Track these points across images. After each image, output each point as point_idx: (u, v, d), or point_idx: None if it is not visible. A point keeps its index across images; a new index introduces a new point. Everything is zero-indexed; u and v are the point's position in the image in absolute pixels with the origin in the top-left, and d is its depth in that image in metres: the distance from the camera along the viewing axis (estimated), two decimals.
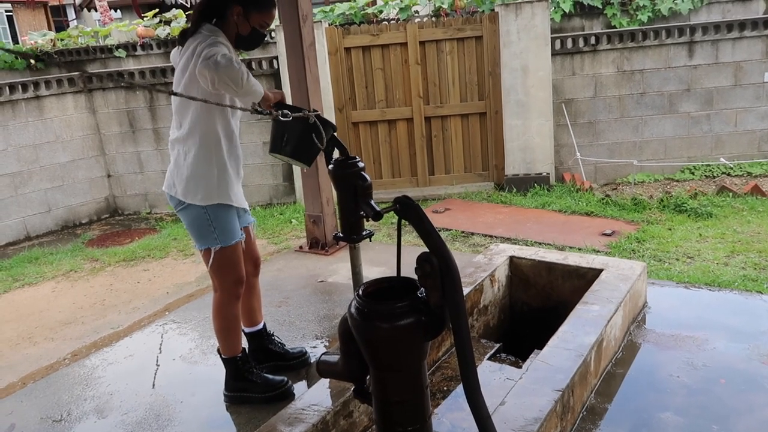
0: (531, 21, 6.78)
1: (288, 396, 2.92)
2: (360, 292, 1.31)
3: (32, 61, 8.86)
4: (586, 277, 3.67)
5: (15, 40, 17.48)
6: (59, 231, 7.16)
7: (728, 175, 6.94)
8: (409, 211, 1.29)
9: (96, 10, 16.27)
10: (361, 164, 3.02)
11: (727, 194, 6.28)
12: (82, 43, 9.32)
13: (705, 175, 6.99)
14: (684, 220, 5.68)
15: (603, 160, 7.22)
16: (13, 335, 4.46)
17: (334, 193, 3.09)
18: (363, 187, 2.98)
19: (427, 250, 1.27)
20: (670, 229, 5.46)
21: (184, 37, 2.73)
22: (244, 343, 3.11)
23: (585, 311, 3.13)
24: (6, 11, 19.75)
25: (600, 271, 3.62)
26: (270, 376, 2.99)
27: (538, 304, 3.93)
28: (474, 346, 3.46)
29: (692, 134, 7.27)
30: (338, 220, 3.16)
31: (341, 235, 3.12)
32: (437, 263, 1.24)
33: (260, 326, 3.24)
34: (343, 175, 3.01)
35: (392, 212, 1.47)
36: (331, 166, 3.02)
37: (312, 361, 3.32)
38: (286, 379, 2.98)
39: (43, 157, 6.96)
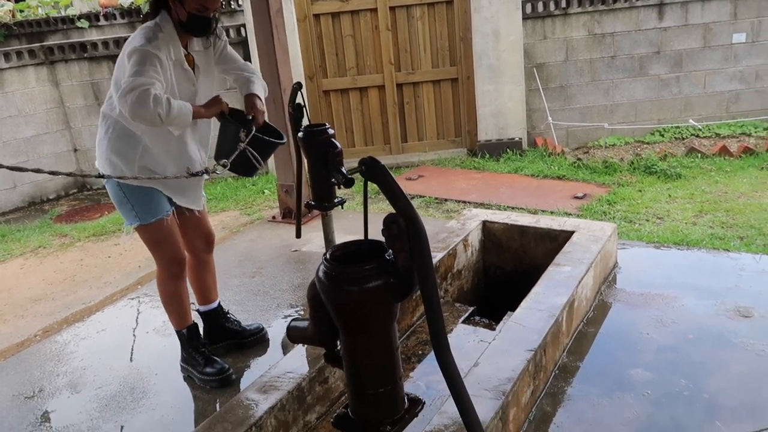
0: None
1: (226, 385, 2.92)
2: (328, 256, 1.30)
3: None
4: (558, 240, 3.70)
5: None
6: (26, 207, 7.00)
7: (697, 136, 7.02)
8: (375, 172, 1.27)
9: None
10: (331, 131, 2.98)
11: (696, 155, 6.36)
12: (42, 14, 9.01)
13: (674, 137, 7.07)
14: (654, 182, 5.75)
15: (575, 124, 7.25)
16: None
17: (306, 161, 3.06)
18: (333, 154, 2.95)
19: (394, 213, 1.26)
20: (640, 191, 5.52)
21: (145, 20, 2.67)
22: (196, 318, 3.09)
23: (557, 272, 3.16)
24: None
25: (572, 233, 3.65)
26: (212, 363, 2.95)
27: (511, 267, 3.96)
28: (448, 310, 3.50)
29: (662, 97, 7.32)
30: (311, 189, 3.12)
31: (313, 203, 3.11)
32: (404, 224, 1.23)
33: (215, 305, 3.22)
34: (313, 143, 2.98)
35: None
36: (300, 134, 2.99)
37: (269, 338, 3.33)
38: (226, 367, 2.96)
39: (5, 133, 6.77)
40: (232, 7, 8.42)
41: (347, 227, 4.90)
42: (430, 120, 7.32)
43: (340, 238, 4.80)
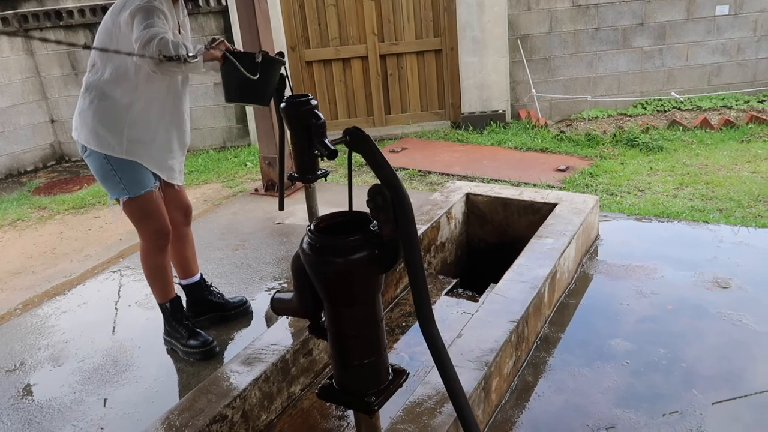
0: None
1: (210, 357, 2.92)
2: (312, 227, 1.29)
3: None
4: (541, 212, 3.72)
5: None
6: (2, 180, 6.88)
7: (679, 109, 7.05)
8: (359, 142, 1.25)
9: None
10: (313, 102, 2.95)
11: (678, 128, 6.40)
12: None
13: (657, 110, 7.09)
14: (636, 155, 5.78)
15: (558, 96, 7.24)
16: None
17: (288, 133, 3.03)
18: (316, 125, 2.93)
19: (379, 183, 1.25)
20: (622, 164, 5.55)
21: None
22: (179, 292, 3.08)
23: (539, 244, 3.18)
24: None
25: (554, 205, 3.67)
26: (195, 336, 2.95)
27: (494, 239, 3.98)
28: (431, 282, 3.52)
29: (645, 69, 7.33)
30: (293, 161, 3.10)
31: (296, 175, 3.09)
32: (389, 195, 1.22)
33: (197, 277, 3.20)
34: (295, 114, 2.94)
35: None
36: (282, 105, 2.95)
37: (252, 310, 3.33)
38: (209, 339, 2.96)
39: None
40: None
41: (331, 199, 4.89)
42: (414, 92, 7.28)
43: (323, 211, 4.78)
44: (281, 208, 3.26)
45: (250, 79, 2.67)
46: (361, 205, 1.39)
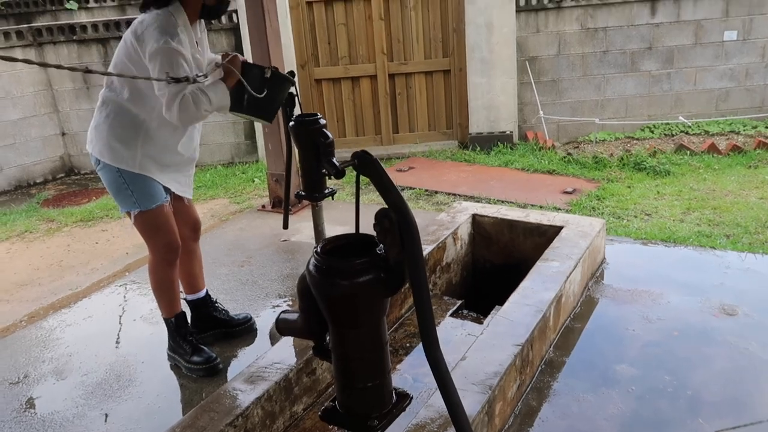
0: None
1: (213, 374, 2.92)
2: (318, 249, 1.30)
3: None
4: (547, 234, 3.71)
5: None
6: (12, 191, 6.94)
7: (686, 133, 7.05)
8: (367, 166, 1.26)
9: None
10: (322, 121, 2.97)
11: (685, 152, 6.40)
12: None
13: (664, 134, 7.10)
14: (643, 178, 5.78)
15: (565, 119, 7.27)
16: None
17: (296, 151, 3.04)
18: (324, 144, 2.94)
19: (386, 207, 1.25)
20: (629, 187, 5.55)
21: (146, 6, 2.62)
22: (185, 307, 3.09)
23: (545, 267, 3.18)
24: None
25: (560, 228, 3.66)
26: (199, 352, 2.95)
27: (500, 261, 3.97)
28: (436, 303, 3.51)
29: (653, 93, 7.35)
30: (301, 179, 3.11)
31: (303, 193, 3.10)
32: (396, 218, 1.23)
33: (202, 293, 3.21)
34: (304, 133, 2.96)
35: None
36: (291, 124, 2.97)
37: (257, 327, 3.33)
38: (213, 356, 2.96)
39: None
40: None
41: (337, 218, 4.90)
42: (422, 111, 7.31)
43: (330, 229, 4.78)
44: (285, 226, 3.27)
45: (258, 93, 2.68)
46: (368, 224, 1.40)
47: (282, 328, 1.53)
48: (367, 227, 1.43)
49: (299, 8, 6.85)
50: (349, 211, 5.14)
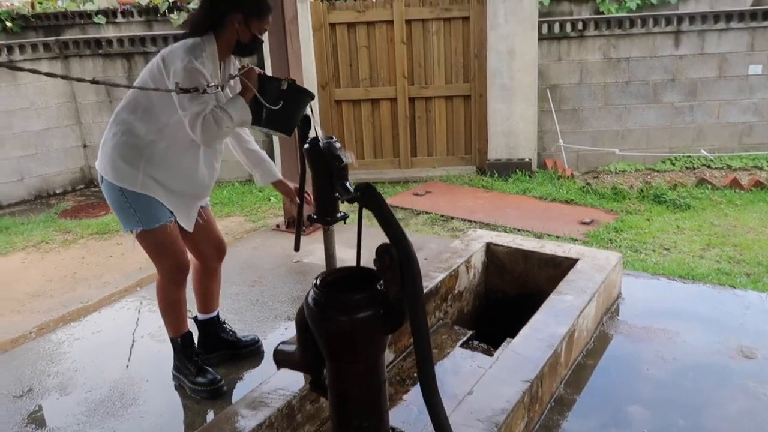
0: (519, 4, 6.69)
1: (217, 396, 2.89)
2: (318, 282, 1.26)
3: (8, 24, 8.60)
4: (562, 266, 3.65)
5: None
6: (32, 200, 7.01)
7: (708, 167, 6.96)
8: (370, 199, 1.24)
9: None
10: (337, 144, 2.96)
11: (706, 186, 6.30)
12: (60, 7, 9.07)
13: (685, 167, 7.01)
14: (662, 211, 5.69)
15: (585, 148, 7.21)
16: None
17: (309, 174, 3.03)
18: (338, 168, 2.92)
19: (387, 241, 1.22)
20: (648, 220, 5.47)
21: (183, 38, 2.66)
22: (191, 326, 3.06)
23: (558, 301, 3.12)
24: None
25: (576, 260, 3.60)
26: (204, 373, 2.92)
27: (514, 291, 3.91)
28: (447, 333, 3.45)
29: (675, 125, 7.27)
30: (314, 202, 3.09)
31: (315, 216, 3.08)
32: (397, 255, 1.19)
33: (214, 314, 3.18)
34: (318, 155, 2.95)
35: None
36: (305, 146, 2.96)
37: (264, 350, 3.29)
38: (218, 378, 2.93)
39: (16, 124, 6.79)
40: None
41: (351, 241, 4.86)
42: (441, 136, 7.30)
43: (342, 253, 4.75)
44: (297, 248, 3.24)
45: (274, 105, 2.67)
46: (372, 251, 1.36)
47: (279, 360, 1.49)
48: (372, 251, 1.39)
49: (322, 30, 6.90)
50: (362, 235, 5.11)
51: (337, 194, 2.94)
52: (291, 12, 4.63)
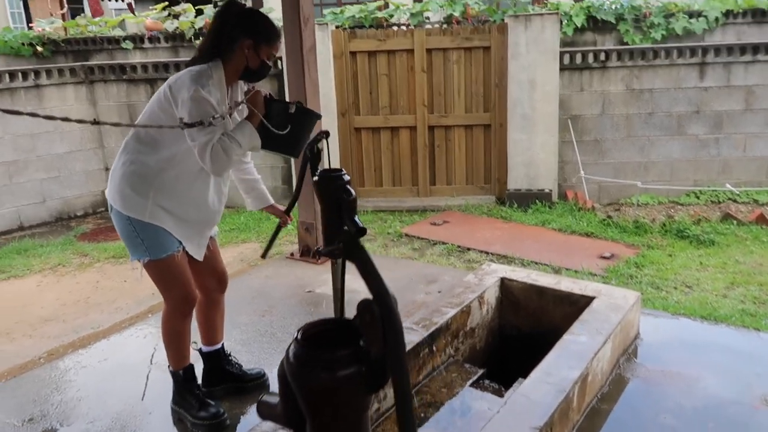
0: (540, 34, 6.66)
1: (219, 431, 2.82)
2: (299, 336, 1.21)
3: (38, 49, 8.80)
4: (578, 304, 3.54)
5: (30, 25, 17.35)
6: (53, 222, 7.08)
7: (734, 201, 6.79)
8: (353, 251, 1.18)
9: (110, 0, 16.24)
10: (346, 177, 2.92)
11: (732, 222, 6.14)
12: (91, 32, 9.27)
13: (710, 201, 6.85)
14: (685, 247, 5.54)
15: (607, 180, 7.09)
16: None
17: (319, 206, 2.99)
18: (347, 202, 2.87)
19: (369, 298, 1.16)
20: (670, 255, 5.32)
21: (191, 64, 2.66)
22: (193, 359, 3.01)
23: (572, 342, 3.01)
24: None
25: (592, 298, 3.49)
26: (206, 407, 2.87)
27: (528, 328, 3.81)
28: (457, 371, 3.36)
29: (699, 157, 7.13)
30: (322, 235, 3.05)
31: (321, 249, 3.03)
32: (379, 312, 1.13)
33: (218, 346, 3.13)
34: (327, 188, 2.91)
35: (390, 222, 1.36)
36: (315, 179, 2.92)
37: (269, 384, 3.22)
38: (221, 411, 2.87)
39: (40, 147, 6.89)
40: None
41: None
42: (460, 165, 7.24)
43: (355, 283, 4.69)
44: (264, 256, 3.21)
45: (281, 128, 2.64)
46: (392, 283, 1.30)
47: (262, 412, 1.43)
48: (391, 283, 1.31)
49: (343, 57, 6.93)
50: (376, 265, 5.04)
51: (345, 227, 2.91)
52: (309, 42, 4.65)
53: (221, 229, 6.40)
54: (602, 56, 6.96)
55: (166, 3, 9.57)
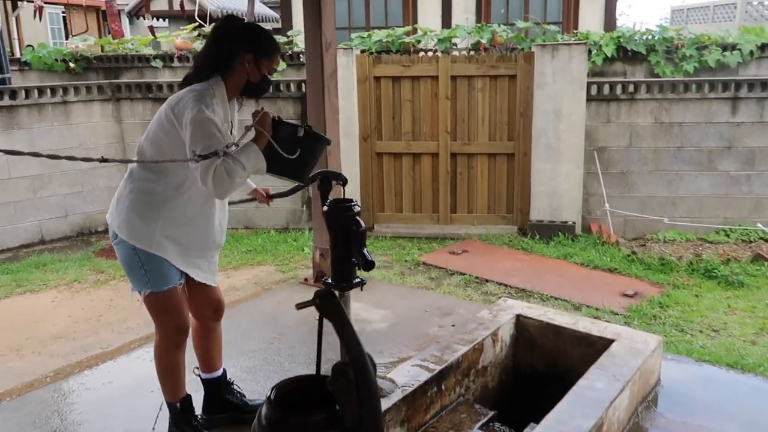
0: (568, 64, 6.56)
1: None
2: (272, 396, 1.12)
3: (71, 65, 8.96)
4: (596, 346, 3.40)
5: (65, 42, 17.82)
6: (74, 237, 7.12)
7: (765, 241, 6.56)
8: (330, 308, 1.09)
9: (145, 18, 16.58)
10: (356, 208, 2.83)
11: (763, 263, 5.91)
12: (127, 49, 9.42)
13: (740, 240, 6.63)
14: (713, 288, 5.34)
15: (633, 214, 6.91)
16: (3, 345, 4.36)
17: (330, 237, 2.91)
18: (356, 233, 2.79)
19: (344, 360, 1.07)
20: (696, 296, 5.13)
21: (187, 81, 2.61)
22: (194, 388, 2.94)
23: (587, 388, 2.87)
24: (63, 12, 20.29)
25: (611, 341, 3.35)
26: None
27: (543, 368, 3.67)
28: (466, 412, 3.22)
29: (730, 194, 6.92)
30: (330, 266, 2.97)
31: (330, 281, 2.94)
32: (353, 377, 1.04)
33: (218, 373, 3.05)
34: (336, 218, 2.83)
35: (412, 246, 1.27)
36: (325, 208, 2.85)
37: None
38: None
39: (64, 162, 6.94)
40: (301, 60, 8.57)
41: (380, 301, 4.73)
42: (482, 193, 7.13)
43: (369, 312, 4.58)
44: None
45: (288, 152, 2.57)
46: (411, 311, 1.20)
47: None
48: (407, 312, 1.23)
49: (367, 82, 6.90)
50: (393, 294, 4.95)
51: (353, 260, 2.82)
52: (331, 67, 4.62)
53: (237, 251, 6.37)
54: (631, 88, 6.83)
55: (197, 24, 9.70)
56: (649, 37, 8.21)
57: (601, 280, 5.54)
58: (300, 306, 1.15)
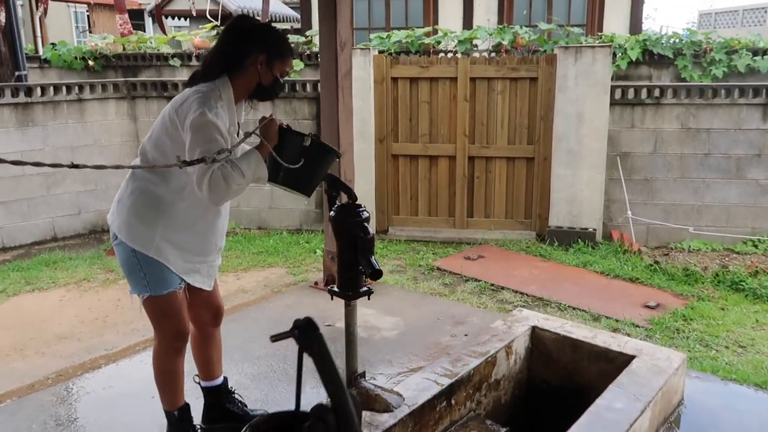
0: (591, 67, 6.37)
1: None
2: None
3: (90, 63, 8.94)
4: (616, 362, 3.24)
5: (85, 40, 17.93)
6: (86, 235, 7.08)
7: None
8: (310, 340, 0.97)
9: (167, 17, 16.63)
10: (365, 214, 2.70)
11: None
12: (146, 48, 9.39)
13: None
14: (740, 301, 5.12)
15: (656, 222, 6.69)
16: (7, 344, 4.29)
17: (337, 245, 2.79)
18: (364, 240, 2.66)
19: (324, 402, 0.94)
20: (722, 309, 4.92)
21: (193, 80, 2.51)
22: (194, 396, 2.83)
23: (606, 408, 2.71)
24: (87, 11, 20.44)
25: (632, 357, 3.18)
26: None
27: (558, 383, 3.50)
28: (477, 428, 3.07)
29: (759, 203, 6.67)
30: (336, 274, 2.85)
31: (336, 289, 2.82)
32: (333, 423, 0.91)
33: (219, 381, 2.95)
34: (343, 224, 2.71)
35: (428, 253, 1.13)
36: (332, 213, 2.72)
37: None
38: None
39: (78, 160, 6.90)
40: (319, 60, 8.46)
41: (391, 307, 4.60)
42: (500, 197, 6.96)
43: (379, 320, 4.44)
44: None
45: (291, 162, 2.45)
46: (421, 320, 1.07)
47: None
48: (418, 319, 1.10)
49: (384, 83, 6.77)
50: (404, 300, 4.81)
51: (360, 268, 2.69)
52: (345, 67, 4.50)
53: (249, 252, 6.28)
54: (656, 92, 6.62)
55: (216, 24, 9.65)
56: (677, 40, 7.97)
57: (622, 290, 5.35)
58: (275, 338, 1.02)
